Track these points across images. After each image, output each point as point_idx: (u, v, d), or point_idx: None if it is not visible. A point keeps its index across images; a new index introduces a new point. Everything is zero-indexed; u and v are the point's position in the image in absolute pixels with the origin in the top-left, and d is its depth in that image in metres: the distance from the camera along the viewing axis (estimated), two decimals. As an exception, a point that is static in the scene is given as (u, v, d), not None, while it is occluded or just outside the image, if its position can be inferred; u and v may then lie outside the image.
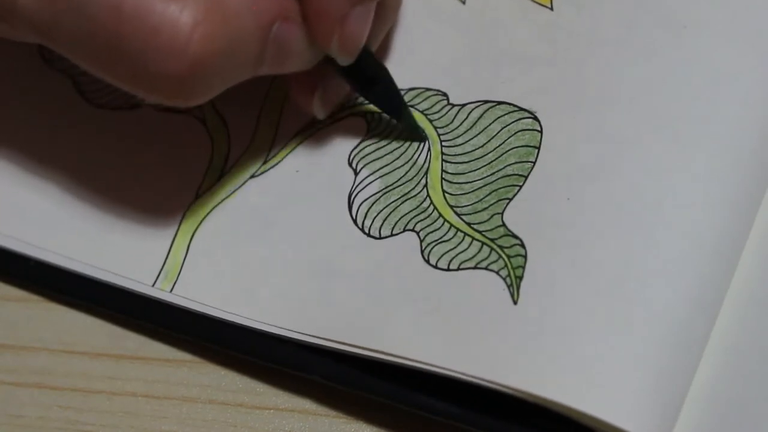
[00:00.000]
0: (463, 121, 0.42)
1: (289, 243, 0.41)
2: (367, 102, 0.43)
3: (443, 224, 0.41)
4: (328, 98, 0.42)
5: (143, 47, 0.35)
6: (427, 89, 0.43)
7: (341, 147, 0.42)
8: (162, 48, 0.35)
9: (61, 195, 0.43)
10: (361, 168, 0.42)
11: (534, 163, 0.41)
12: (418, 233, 0.41)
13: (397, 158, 0.42)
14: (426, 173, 0.42)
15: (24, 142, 0.44)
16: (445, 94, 0.43)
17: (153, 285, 0.41)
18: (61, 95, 0.44)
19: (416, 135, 0.42)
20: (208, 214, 0.42)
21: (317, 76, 0.41)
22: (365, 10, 0.39)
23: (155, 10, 0.35)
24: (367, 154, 0.42)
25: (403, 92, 0.43)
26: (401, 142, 0.42)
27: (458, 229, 0.40)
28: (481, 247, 0.40)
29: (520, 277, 0.39)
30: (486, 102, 0.43)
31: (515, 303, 0.38)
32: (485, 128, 0.42)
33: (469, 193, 0.41)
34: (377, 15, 0.40)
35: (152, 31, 0.35)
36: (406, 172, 0.42)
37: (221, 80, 0.37)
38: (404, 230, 0.41)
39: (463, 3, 0.45)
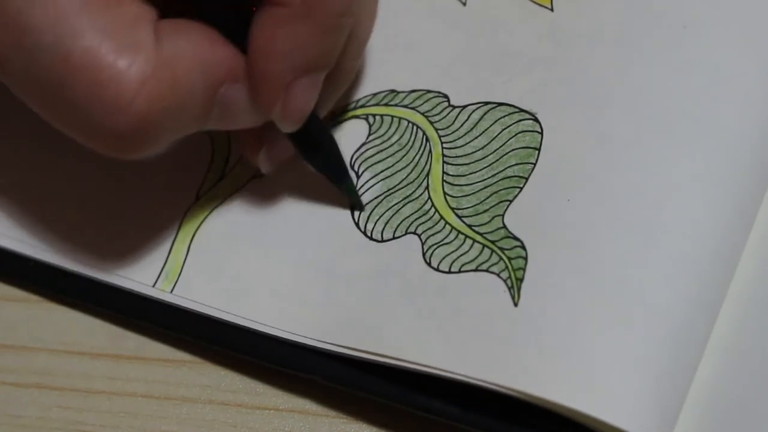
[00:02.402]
0: (463, 123, 0.42)
1: (291, 245, 0.41)
2: (369, 104, 0.43)
3: (444, 226, 0.41)
4: (273, 155, 0.41)
5: (89, 99, 0.35)
6: (428, 91, 0.43)
7: (343, 149, 0.42)
8: (107, 102, 0.35)
9: (62, 196, 0.43)
10: (363, 171, 0.42)
11: (534, 164, 0.41)
12: (419, 236, 0.41)
13: (399, 161, 0.42)
14: (427, 175, 0.42)
15: (24, 143, 0.44)
16: (445, 96, 0.43)
17: (153, 286, 0.41)
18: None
19: (357, 204, 0.42)
20: (208, 215, 0.42)
21: (264, 131, 0.40)
22: (313, 79, 0.38)
23: (104, 63, 0.34)
24: (369, 157, 0.42)
25: (404, 94, 0.43)
26: (403, 144, 0.42)
27: (459, 232, 0.40)
28: (482, 249, 0.40)
29: (521, 279, 0.39)
30: (487, 103, 0.43)
31: (516, 305, 0.38)
32: (486, 130, 0.42)
33: (470, 195, 0.41)
34: (328, 81, 0.39)
35: (98, 84, 0.34)
36: (408, 175, 0.42)
37: (165, 136, 0.37)
38: (406, 233, 0.41)
39: (464, 4, 0.45)
